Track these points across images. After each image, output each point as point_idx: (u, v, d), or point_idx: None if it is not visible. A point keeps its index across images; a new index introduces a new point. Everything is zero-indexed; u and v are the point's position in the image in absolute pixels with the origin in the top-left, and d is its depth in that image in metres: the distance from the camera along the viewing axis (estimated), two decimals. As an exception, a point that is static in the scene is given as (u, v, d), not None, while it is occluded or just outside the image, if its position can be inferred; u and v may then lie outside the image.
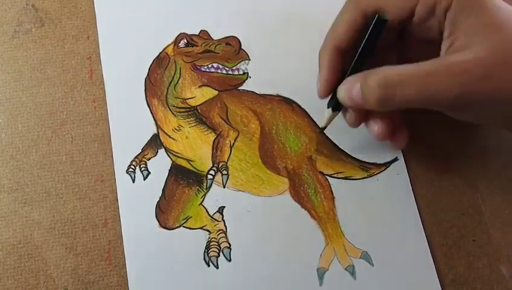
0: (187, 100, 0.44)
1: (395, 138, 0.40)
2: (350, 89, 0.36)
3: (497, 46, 0.33)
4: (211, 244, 0.40)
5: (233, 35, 0.46)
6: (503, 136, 0.44)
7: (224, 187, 0.42)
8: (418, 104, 0.35)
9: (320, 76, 0.39)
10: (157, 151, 0.43)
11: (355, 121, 0.39)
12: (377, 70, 0.35)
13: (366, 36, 0.36)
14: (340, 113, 0.40)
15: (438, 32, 0.36)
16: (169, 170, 0.42)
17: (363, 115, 0.39)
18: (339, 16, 0.38)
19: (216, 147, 0.43)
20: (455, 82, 0.33)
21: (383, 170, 0.43)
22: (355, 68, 0.37)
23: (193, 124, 0.43)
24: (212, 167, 0.42)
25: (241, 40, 0.46)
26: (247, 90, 0.45)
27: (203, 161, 0.42)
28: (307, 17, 0.47)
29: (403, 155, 0.43)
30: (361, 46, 0.37)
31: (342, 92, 0.37)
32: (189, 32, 0.46)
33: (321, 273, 0.40)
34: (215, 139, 0.43)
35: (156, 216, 0.41)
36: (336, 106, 0.39)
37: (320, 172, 0.42)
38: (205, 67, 0.45)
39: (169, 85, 0.44)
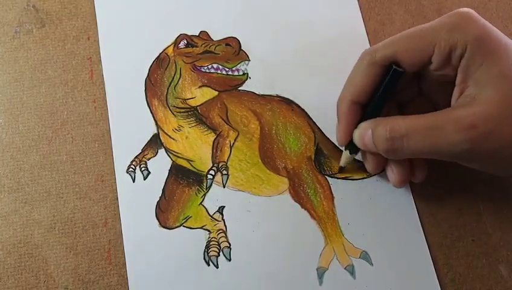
0: (187, 100, 0.44)
1: (414, 177, 0.40)
2: (363, 135, 0.37)
3: (506, 97, 0.33)
4: (211, 244, 0.40)
5: (233, 36, 0.46)
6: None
7: (224, 187, 0.42)
8: (426, 155, 0.36)
9: (339, 127, 0.40)
10: (157, 151, 0.43)
11: (374, 168, 0.40)
12: (387, 120, 0.36)
13: (383, 87, 0.37)
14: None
15: (454, 78, 0.36)
16: (169, 170, 0.42)
17: (381, 162, 0.39)
18: (355, 69, 0.39)
19: (216, 147, 0.43)
20: (462, 137, 0.33)
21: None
22: (370, 115, 0.38)
23: (193, 124, 0.43)
24: (212, 167, 0.42)
25: (240, 41, 0.46)
26: (247, 91, 0.45)
27: (203, 161, 0.43)
28: (307, 18, 0.47)
29: (402, 155, 0.43)
30: (378, 96, 0.37)
31: (356, 138, 0.38)
32: (189, 33, 0.46)
33: (321, 272, 0.40)
34: (215, 139, 0.43)
35: (156, 216, 0.41)
36: (352, 148, 0.40)
37: (320, 172, 0.43)
38: (205, 67, 0.45)
39: (169, 85, 0.44)
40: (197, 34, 0.46)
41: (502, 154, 0.34)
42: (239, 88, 0.45)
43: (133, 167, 0.42)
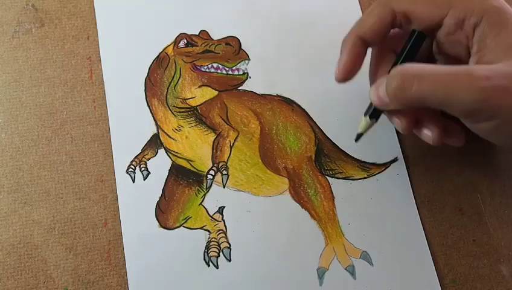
0: (187, 100, 0.44)
1: (450, 138, 0.39)
2: (378, 86, 0.36)
3: None
4: (211, 244, 0.40)
5: (233, 35, 0.46)
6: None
7: (224, 187, 0.42)
8: (435, 103, 0.33)
9: (339, 61, 0.38)
10: (157, 151, 0.43)
11: (405, 126, 0.37)
12: (401, 65, 0.35)
13: (407, 50, 0.36)
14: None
15: (465, 48, 0.35)
16: (169, 170, 0.42)
17: (412, 120, 0.37)
18: (368, 11, 0.38)
19: (216, 147, 0.43)
20: (476, 86, 0.32)
21: (383, 170, 0.43)
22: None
23: (193, 124, 0.43)
24: (212, 167, 0.42)
25: (241, 40, 0.46)
26: (247, 90, 0.45)
27: (203, 161, 0.42)
28: (307, 17, 0.47)
29: (403, 155, 0.43)
30: (401, 59, 0.37)
31: (372, 91, 0.37)
32: (189, 33, 0.46)
33: (321, 273, 0.40)
34: (215, 139, 0.43)
35: (156, 216, 0.41)
36: (373, 113, 0.38)
37: (320, 172, 0.42)
38: (205, 67, 0.45)
39: (169, 85, 0.44)
40: (197, 34, 0.46)
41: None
42: (239, 88, 0.45)
43: (133, 167, 0.42)
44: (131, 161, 0.42)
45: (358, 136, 0.40)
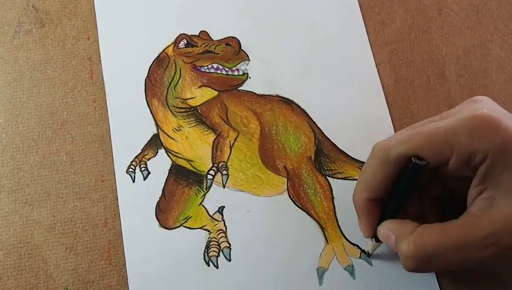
0: (187, 100, 0.44)
1: None
2: (387, 237, 0.36)
3: None
4: (211, 244, 0.40)
5: (233, 35, 0.46)
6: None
7: (224, 187, 0.42)
8: (446, 270, 0.38)
9: (361, 223, 0.38)
10: (157, 152, 0.43)
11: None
12: (413, 234, 0.34)
13: (403, 183, 0.35)
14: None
15: (471, 176, 0.34)
16: (169, 170, 0.42)
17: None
18: (367, 166, 0.37)
19: (216, 147, 0.43)
20: (486, 254, 0.33)
21: None
22: (391, 212, 0.37)
23: (193, 124, 0.43)
24: (212, 167, 0.42)
25: (241, 41, 0.46)
26: (247, 91, 0.45)
27: (203, 161, 0.43)
28: (307, 17, 0.47)
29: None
30: (398, 193, 0.36)
31: (382, 237, 0.37)
32: (189, 33, 0.46)
33: (321, 273, 0.40)
34: (215, 139, 0.43)
35: (156, 216, 0.41)
36: (377, 238, 0.38)
37: (320, 172, 0.43)
38: (205, 67, 0.45)
39: (169, 85, 0.44)
40: (197, 34, 0.46)
41: None
42: (239, 88, 0.45)
43: (133, 167, 0.42)
44: (132, 161, 0.42)
45: (369, 255, 0.40)
